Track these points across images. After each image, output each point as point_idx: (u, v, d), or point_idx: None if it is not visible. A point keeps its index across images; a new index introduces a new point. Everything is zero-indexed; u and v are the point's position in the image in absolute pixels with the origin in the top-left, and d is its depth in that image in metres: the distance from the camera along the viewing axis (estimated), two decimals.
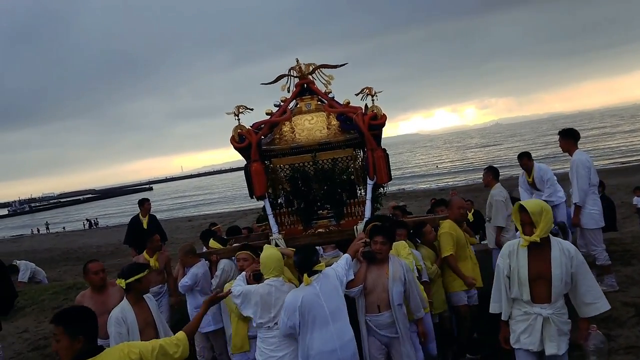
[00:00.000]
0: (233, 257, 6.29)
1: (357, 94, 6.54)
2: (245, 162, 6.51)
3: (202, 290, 6.53)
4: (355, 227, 6.30)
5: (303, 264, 4.66)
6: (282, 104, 6.93)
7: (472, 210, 14.53)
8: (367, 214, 6.40)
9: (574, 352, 4.68)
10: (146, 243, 7.56)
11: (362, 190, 6.68)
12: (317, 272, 4.64)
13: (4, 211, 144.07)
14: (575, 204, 6.81)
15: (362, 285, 4.96)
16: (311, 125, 6.85)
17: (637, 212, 13.74)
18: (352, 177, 6.61)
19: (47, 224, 67.04)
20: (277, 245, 6.35)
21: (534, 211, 4.06)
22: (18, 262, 15.34)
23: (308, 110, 7.02)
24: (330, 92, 6.89)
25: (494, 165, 8.55)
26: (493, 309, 4.47)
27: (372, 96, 6.37)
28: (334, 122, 6.80)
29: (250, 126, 6.52)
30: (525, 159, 8.45)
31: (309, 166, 6.57)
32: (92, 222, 61.36)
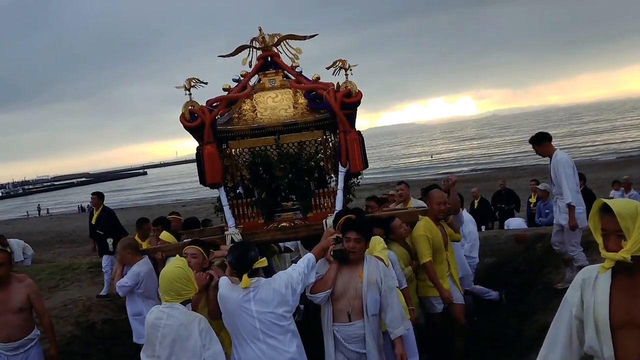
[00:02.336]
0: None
1: (328, 68, 5.65)
2: (197, 145, 5.62)
3: (146, 293, 5.63)
4: (324, 221, 5.44)
5: (240, 263, 3.82)
6: (242, 78, 6.03)
7: (479, 198, 13.88)
8: (338, 206, 5.54)
9: None
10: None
11: (334, 179, 5.82)
12: (257, 270, 3.86)
13: None
14: (568, 204, 6.26)
15: (330, 290, 4.10)
16: (275, 104, 5.96)
17: None
18: (322, 163, 5.73)
19: (39, 207, 66.11)
20: (232, 241, 5.48)
21: (625, 213, 2.44)
22: (9, 240, 15.03)
23: (272, 87, 6.13)
24: (298, 66, 6.00)
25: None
26: None
27: (346, 70, 5.48)
28: (302, 100, 5.92)
29: (205, 103, 5.63)
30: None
31: (271, 150, 5.69)
32: (84, 207, 60.69)
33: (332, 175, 5.86)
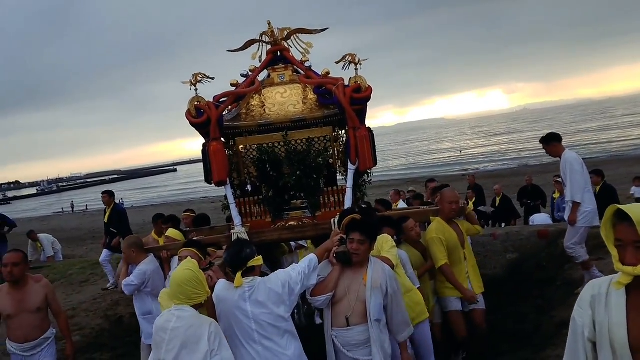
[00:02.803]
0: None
1: (337, 62, 5.47)
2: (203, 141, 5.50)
3: (154, 291, 5.51)
4: (332, 220, 5.25)
5: (234, 260, 3.65)
6: (250, 74, 5.89)
7: (501, 195, 13.61)
8: (348, 204, 5.36)
9: None
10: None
11: (344, 177, 5.64)
12: (252, 269, 3.64)
13: (33, 190, 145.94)
14: (573, 201, 6.24)
15: (330, 293, 3.90)
16: (284, 99, 5.80)
17: (636, 202, 12.47)
18: (331, 160, 5.55)
19: (72, 204, 67.28)
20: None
21: None
22: (39, 235, 15.50)
23: (281, 82, 5.99)
24: (307, 61, 5.83)
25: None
26: None
27: (356, 65, 5.30)
28: (311, 95, 5.76)
29: (212, 99, 5.50)
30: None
31: (279, 147, 5.53)
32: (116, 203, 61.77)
33: (342, 172, 5.68)
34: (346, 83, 5.32)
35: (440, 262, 5.13)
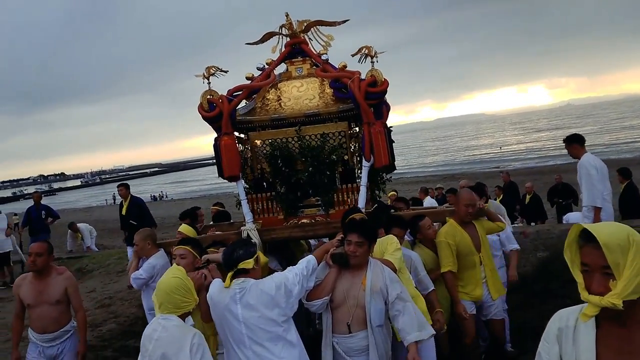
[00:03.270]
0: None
1: (353, 55, 5.28)
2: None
3: None
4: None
5: (225, 260, 3.51)
6: (267, 67, 5.74)
7: (532, 193, 13.26)
8: (361, 203, 5.17)
9: None
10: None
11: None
12: (243, 271, 3.45)
13: (77, 182, 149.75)
14: (593, 206, 6.06)
15: (327, 297, 3.73)
16: (300, 93, 5.64)
17: None
18: (346, 157, 5.37)
19: (114, 196, 68.87)
20: (248, 237, 5.22)
21: (614, 244, 1.82)
22: (78, 225, 16.01)
23: (299, 76, 5.82)
24: (325, 54, 5.64)
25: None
26: None
27: (372, 57, 5.10)
28: (328, 90, 5.57)
29: (226, 93, 5.38)
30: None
31: (293, 142, 5.38)
32: (155, 196, 63.06)
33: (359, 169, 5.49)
34: (363, 77, 5.14)
35: (444, 268, 4.92)
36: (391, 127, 5.54)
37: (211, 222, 6.88)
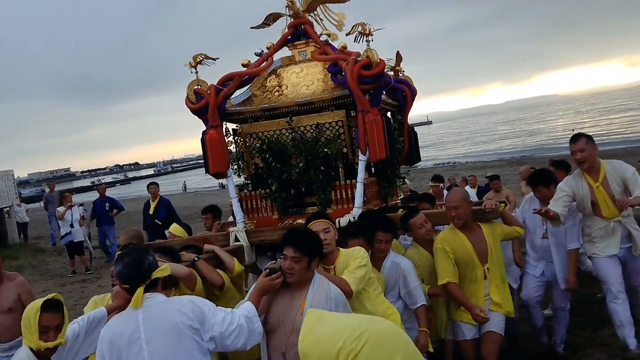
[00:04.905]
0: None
1: (348, 34, 4.74)
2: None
3: None
4: (338, 220, 4.56)
5: (133, 272, 2.80)
6: (266, 51, 5.28)
7: None
8: (358, 202, 4.63)
9: None
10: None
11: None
12: (155, 284, 2.84)
13: (150, 171, 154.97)
14: None
15: (260, 318, 3.08)
16: (298, 80, 5.15)
17: None
18: (345, 149, 4.83)
19: (184, 184, 70.45)
20: (236, 240, 4.80)
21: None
22: None
23: (302, 60, 5.32)
24: (326, 34, 5.10)
25: None
26: None
27: (367, 36, 4.52)
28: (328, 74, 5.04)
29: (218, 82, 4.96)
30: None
31: (286, 134, 4.89)
32: (224, 184, 63.98)
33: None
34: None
35: (441, 280, 4.22)
36: (430, 121, 4.95)
37: (230, 219, 6.50)
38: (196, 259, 4.08)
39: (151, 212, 9.81)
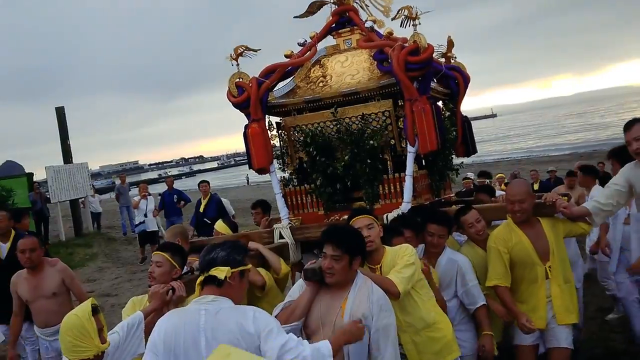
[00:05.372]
0: None
1: (393, 19, 4.47)
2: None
3: None
4: (385, 216, 4.32)
5: (200, 264, 2.67)
6: (310, 41, 5.09)
7: None
8: (407, 196, 4.36)
9: None
10: None
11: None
12: (213, 280, 2.56)
13: (214, 164, 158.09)
14: None
15: (298, 322, 2.93)
16: (343, 69, 4.93)
17: None
18: (393, 141, 4.57)
19: (247, 177, 71.37)
20: (280, 237, 4.63)
21: None
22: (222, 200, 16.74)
23: (347, 49, 5.10)
24: (372, 20, 4.85)
25: None
26: None
27: (414, 20, 4.25)
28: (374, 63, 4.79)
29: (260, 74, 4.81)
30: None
31: (331, 126, 4.68)
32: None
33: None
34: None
35: (490, 281, 3.87)
36: (495, 114, 4.65)
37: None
38: None
39: (201, 210, 9.87)
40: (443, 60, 5.23)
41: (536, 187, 10.56)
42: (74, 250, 14.87)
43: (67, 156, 17.86)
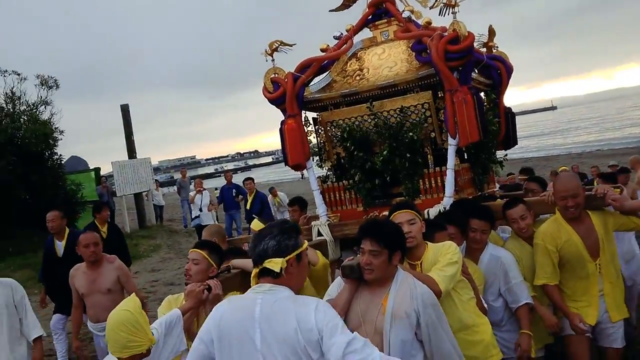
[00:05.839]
0: None
1: (431, 7, 4.30)
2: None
3: None
4: (426, 211, 4.17)
5: (252, 254, 2.44)
6: (346, 34, 4.98)
7: None
8: (449, 191, 4.20)
9: None
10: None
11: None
12: (269, 272, 2.34)
13: (269, 159, 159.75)
14: None
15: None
16: (380, 62, 4.79)
17: None
18: (433, 133, 4.41)
19: (302, 173, 71.77)
20: (319, 234, 4.54)
21: None
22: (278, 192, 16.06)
23: (385, 41, 4.96)
24: (409, 10, 4.70)
25: None
26: None
27: (453, 7, 4.07)
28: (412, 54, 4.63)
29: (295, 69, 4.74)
30: None
31: (369, 121, 4.56)
32: None
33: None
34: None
35: (538, 280, 3.67)
36: (555, 106, 4.52)
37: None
38: None
39: (248, 206, 9.92)
40: (484, 50, 5.02)
41: (596, 183, 10.02)
42: (138, 242, 15.41)
43: (131, 152, 18.56)
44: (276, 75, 4.65)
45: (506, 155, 5.07)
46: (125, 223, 17.50)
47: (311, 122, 4.85)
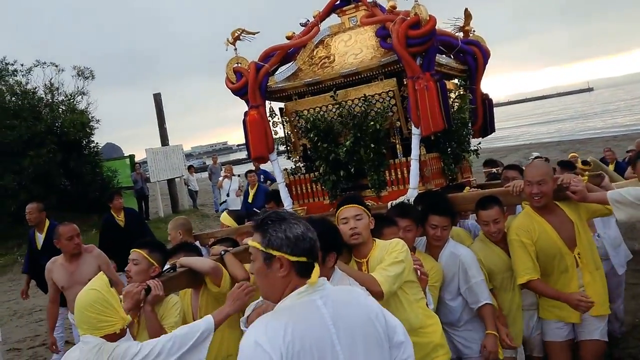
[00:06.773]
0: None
1: None
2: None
3: None
4: (389, 203, 3.98)
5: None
6: (312, 20, 4.78)
7: None
8: (413, 182, 4.01)
9: None
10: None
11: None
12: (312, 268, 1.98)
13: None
14: None
15: None
16: (346, 49, 4.59)
17: None
18: (399, 122, 4.19)
19: None
20: None
21: None
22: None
23: (352, 27, 4.75)
24: None
25: None
26: None
27: None
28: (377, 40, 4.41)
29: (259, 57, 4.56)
30: None
31: (333, 110, 4.36)
32: None
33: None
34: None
35: (521, 278, 3.44)
36: (591, 87, 4.21)
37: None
38: (223, 252, 3.69)
39: (250, 200, 9.74)
40: (461, 34, 4.76)
41: (611, 167, 9.47)
42: None
43: (164, 139, 18.88)
44: (239, 65, 4.49)
45: (480, 143, 4.80)
46: (159, 208, 17.93)
47: (277, 112, 4.68)
